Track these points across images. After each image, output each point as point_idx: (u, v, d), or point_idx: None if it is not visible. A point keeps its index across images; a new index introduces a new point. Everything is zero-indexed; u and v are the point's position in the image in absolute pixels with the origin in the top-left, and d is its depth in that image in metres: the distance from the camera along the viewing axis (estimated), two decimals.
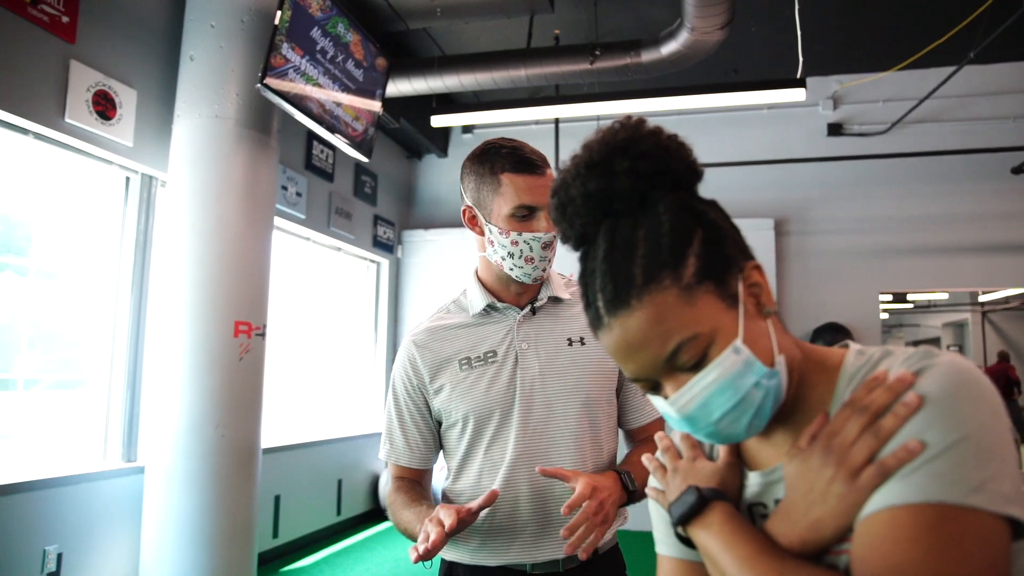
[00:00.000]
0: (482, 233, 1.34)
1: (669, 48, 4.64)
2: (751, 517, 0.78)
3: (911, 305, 15.24)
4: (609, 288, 0.70)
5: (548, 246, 1.30)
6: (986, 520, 0.58)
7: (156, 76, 3.79)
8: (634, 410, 1.42)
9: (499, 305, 1.37)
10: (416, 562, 1.10)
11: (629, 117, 0.76)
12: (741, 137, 6.47)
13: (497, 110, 5.21)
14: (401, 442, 1.40)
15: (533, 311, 1.37)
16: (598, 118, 6.16)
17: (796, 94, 4.36)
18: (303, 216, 5.25)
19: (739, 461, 0.82)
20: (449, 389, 1.34)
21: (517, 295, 1.37)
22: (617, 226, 0.72)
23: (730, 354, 0.68)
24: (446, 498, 1.39)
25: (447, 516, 1.12)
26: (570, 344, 1.35)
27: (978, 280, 6.20)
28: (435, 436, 1.41)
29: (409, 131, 6.36)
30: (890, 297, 13.02)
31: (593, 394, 1.34)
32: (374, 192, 6.44)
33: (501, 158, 1.30)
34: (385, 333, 6.61)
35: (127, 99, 3.59)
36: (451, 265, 6.66)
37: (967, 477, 0.59)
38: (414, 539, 1.20)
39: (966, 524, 0.58)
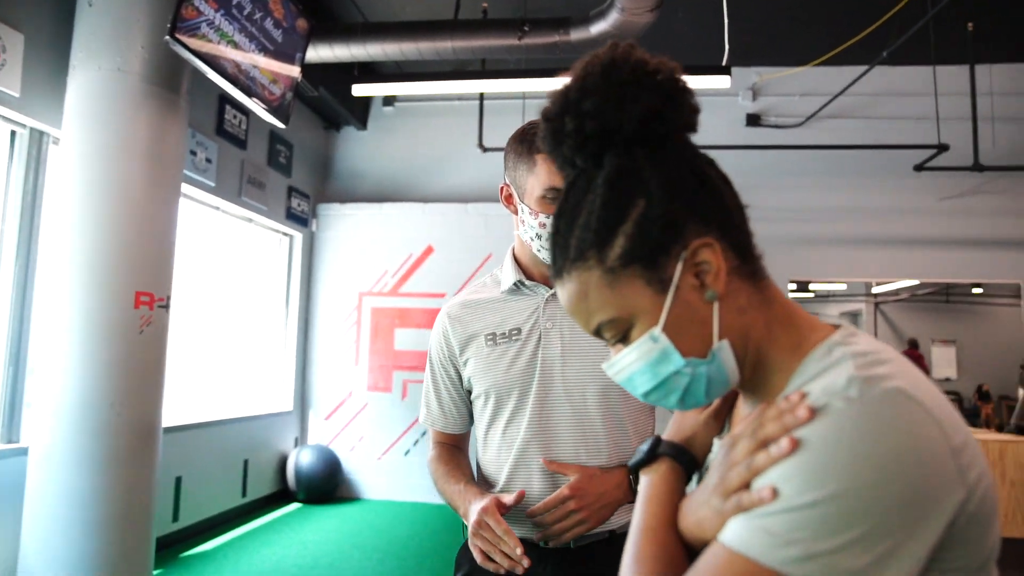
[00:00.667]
0: (516, 212, 1.36)
1: (598, 28, 4.60)
2: (702, 476, 0.77)
3: (812, 294, 15.97)
4: (552, 254, 0.72)
5: None
6: None
7: (48, 21, 3.47)
8: None
9: (528, 283, 1.38)
10: (519, 572, 1.17)
11: (613, 47, 0.68)
12: None
13: (421, 82, 5.06)
14: (436, 408, 1.46)
15: None
16: (523, 95, 6.10)
17: (721, 81, 4.41)
18: (212, 184, 4.96)
19: (720, 421, 0.80)
20: (474, 363, 1.38)
21: (547, 274, 1.37)
22: (575, 183, 0.70)
23: (646, 341, 0.66)
24: (478, 466, 1.45)
25: (498, 524, 1.18)
26: None
27: (880, 271, 6.50)
28: (468, 403, 1.46)
29: (328, 101, 6.11)
30: (794, 286, 13.58)
31: None
32: (289, 162, 6.16)
33: (535, 139, 1.28)
34: (297, 309, 6.38)
35: (12, 44, 3.26)
36: (368, 241, 6.48)
37: (801, 543, 0.53)
38: (453, 507, 1.33)
39: None
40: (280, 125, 4.07)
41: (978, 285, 8.95)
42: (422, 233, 6.46)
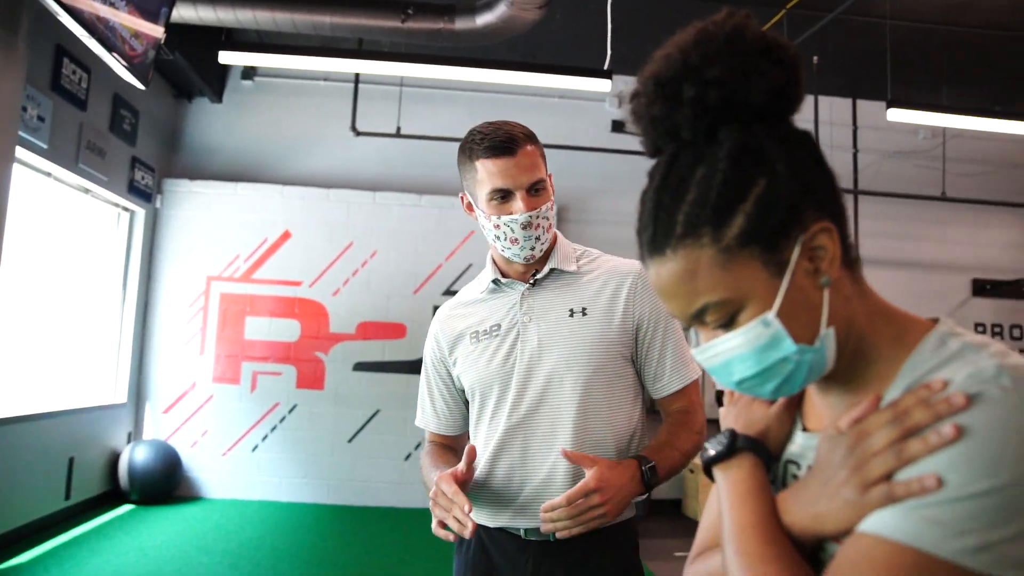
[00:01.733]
0: (476, 219, 1.40)
1: (484, 19, 4.57)
2: (783, 470, 0.75)
3: None
4: (650, 229, 0.67)
5: (528, 225, 1.30)
6: None
7: None
8: (656, 379, 1.39)
9: (504, 280, 1.42)
10: (466, 535, 1.18)
11: (729, 16, 0.64)
12: (531, 121, 6.53)
13: (291, 55, 4.79)
14: (430, 409, 1.51)
15: (534, 283, 1.40)
16: (401, 81, 5.95)
17: (603, 85, 4.53)
18: (45, 146, 4.38)
19: (792, 414, 0.77)
20: (461, 362, 1.42)
21: (522, 270, 1.41)
22: (678, 157, 0.66)
23: (758, 325, 0.63)
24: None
25: (457, 494, 1.19)
26: (571, 315, 1.37)
27: None
28: (460, 404, 1.49)
29: (182, 67, 5.60)
30: None
31: (595, 363, 1.35)
32: (134, 130, 5.59)
33: (476, 144, 1.31)
34: (136, 292, 5.80)
35: None
36: (219, 222, 6.03)
37: (970, 532, 0.53)
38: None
39: None
40: (140, 86, 3.66)
41: None
42: (279, 217, 6.11)
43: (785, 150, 0.65)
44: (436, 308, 6.11)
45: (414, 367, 6.08)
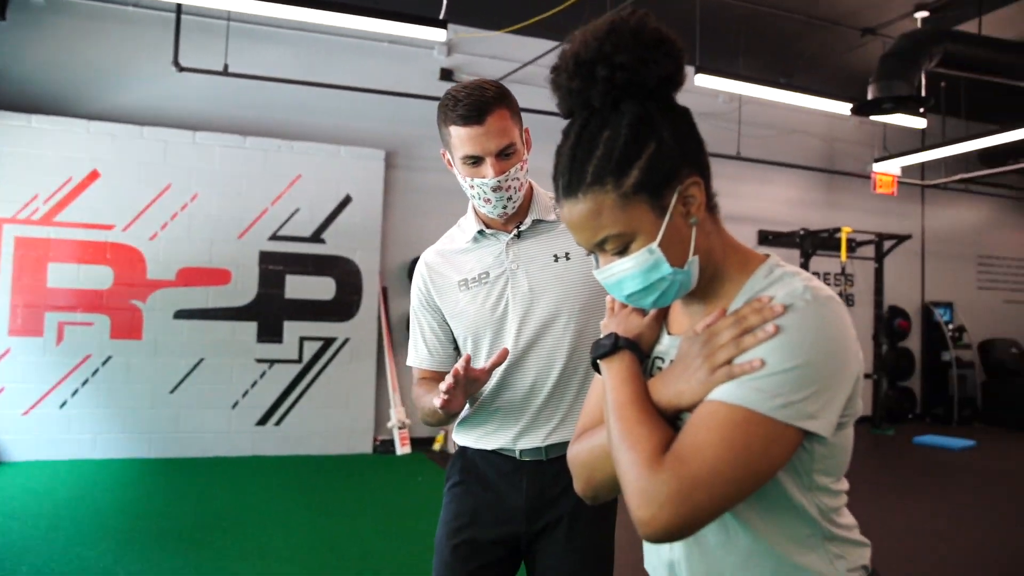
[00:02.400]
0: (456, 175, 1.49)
1: None
2: (651, 365, 0.97)
3: None
4: (566, 176, 0.86)
5: (498, 188, 1.40)
6: (780, 428, 0.77)
7: None
8: None
9: (488, 231, 1.52)
10: (441, 407, 1.33)
11: (633, 13, 0.84)
12: (360, 65, 6.52)
13: None
14: (423, 348, 1.61)
15: (519, 235, 1.51)
16: (228, 15, 5.60)
17: (438, 34, 4.60)
18: None
19: (659, 323, 0.98)
20: (452, 307, 1.53)
21: (504, 222, 1.51)
22: (589, 121, 0.85)
23: (645, 253, 0.84)
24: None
25: (451, 376, 1.33)
26: (556, 260, 1.50)
27: None
28: (451, 341, 1.59)
29: None
30: None
31: (582, 302, 1.48)
32: None
33: (449, 110, 1.39)
34: None
35: None
36: (12, 158, 5.42)
37: (780, 395, 0.77)
38: (433, 414, 1.45)
39: (759, 428, 0.77)
40: None
41: None
42: (85, 154, 5.60)
43: (670, 121, 0.86)
44: (262, 253, 6.01)
45: (241, 313, 5.93)
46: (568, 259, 1.49)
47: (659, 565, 0.97)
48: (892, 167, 7.65)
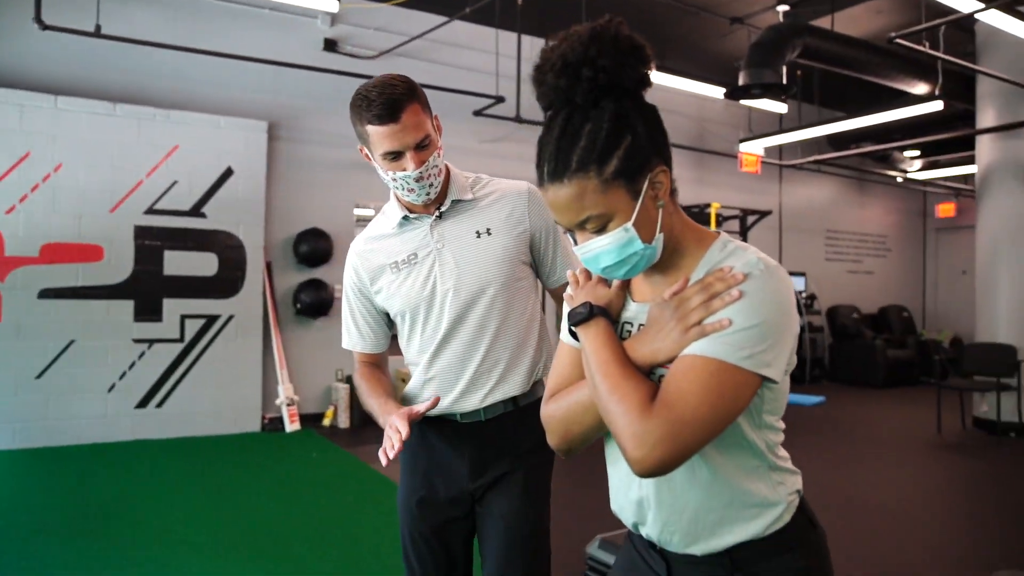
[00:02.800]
0: (376, 168, 1.55)
1: None
2: (621, 329, 1.10)
3: (355, 218, 17.02)
4: (552, 163, 0.97)
5: (420, 178, 1.49)
6: (746, 375, 0.93)
7: None
8: (549, 274, 1.68)
9: (411, 216, 1.61)
10: (387, 465, 1.39)
11: (611, 21, 0.96)
12: (240, 33, 6.27)
13: None
14: (356, 333, 1.71)
15: (440, 215, 1.61)
16: None
17: (330, 4, 4.52)
18: None
19: (624, 292, 1.11)
20: (385, 289, 1.63)
21: (425, 205, 1.60)
22: (572, 115, 0.97)
23: (621, 231, 0.97)
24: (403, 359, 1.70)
25: (402, 425, 1.41)
26: (478, 236, 1.60)
27: None
28: (383, 324, 1.71)
29: None
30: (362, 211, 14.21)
31: (504, 273, 1.60)
32: None
33: (364, 111, 1.45)
34: None
35: None
36: None
37: (745, 348, 0.93)
38: (375, 421, 1.56)
39: (730, 376, 0.93)
40: None
41: None
42: None
43: (643, 117, 0.98)
44: (138, 228, 5.71)
45: (116, 291, 5.63)
46: (489, 234, 1.60)
47: (627, 504, 1.11)
48: (756, 147, 8.24)
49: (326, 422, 6.53)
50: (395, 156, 1.48)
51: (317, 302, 6.49)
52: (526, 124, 6.71)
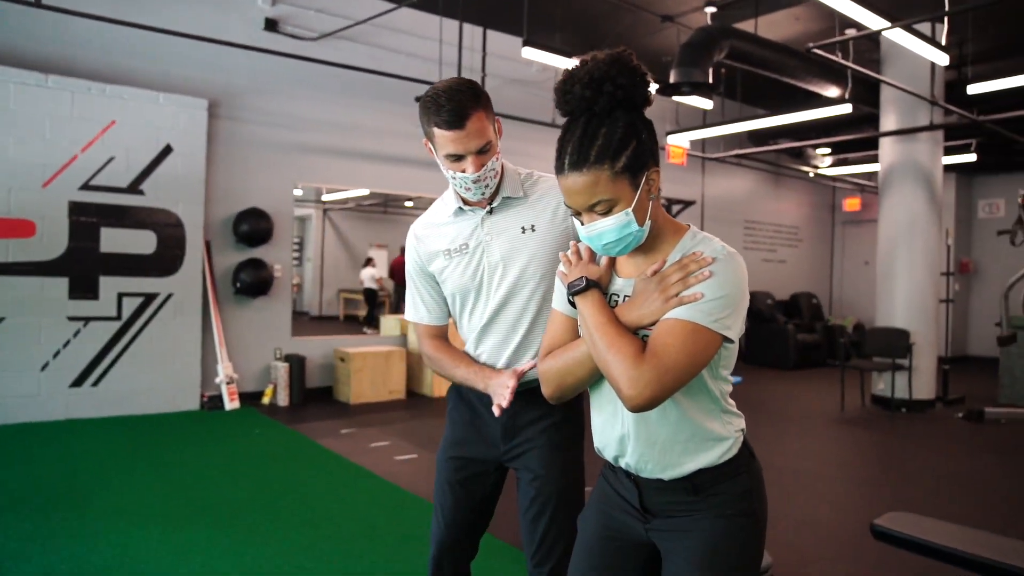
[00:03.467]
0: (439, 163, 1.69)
1: None
2: (609, 299, 1.34)
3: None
4: (574, 156, 1.21)
5: (478, 180, 1.63)
6: (713, 335, 1.20)
7: None
8: None
9: (466, 208, 1.76)
10: (500, 413, 1.65)
11: (625, 51, 1.22)
12: (177, 10, 6.19)
13: None
14: (423, 307, 1.87)
15: (491, 211, 1.75)
16: None
17: None
18: None
19: (611, 269, 1.36)
20: (438, 273, 1.80)
21: (478, 201, 1.74)
22: (591, 121, 1.22)
23: (623, 215, 1.22)
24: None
25: (511, 380, 1.66)
26: (523, 232, 1.75)
27: (375, 183, 7.51)
28: (444, 299, 1.86)
29: None
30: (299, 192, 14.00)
31: (545, 267, 1.74)
32: None
33: (433, 114, 1.58)
34: None
35: None
36: None
37: (713, 314, 1.20)
38: (467, 385, 1.78)
39: (702, 335, 1.20)
40: None
41: (410, 198, 10.82)
42: None
43: (646, 128, 1.24)
44: (72, 204, 5.62)
45: (49, 268, 5.54)
46: (534, 230, 1.76)
47: (610, 441, 1.37)
48: (682, 140, 8.66)
49: (265, 400, 6.60)
50: (457, 159, 1.62)
51: (257, 282, 6.52)
52: None
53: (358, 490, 4.19)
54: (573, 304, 1.32)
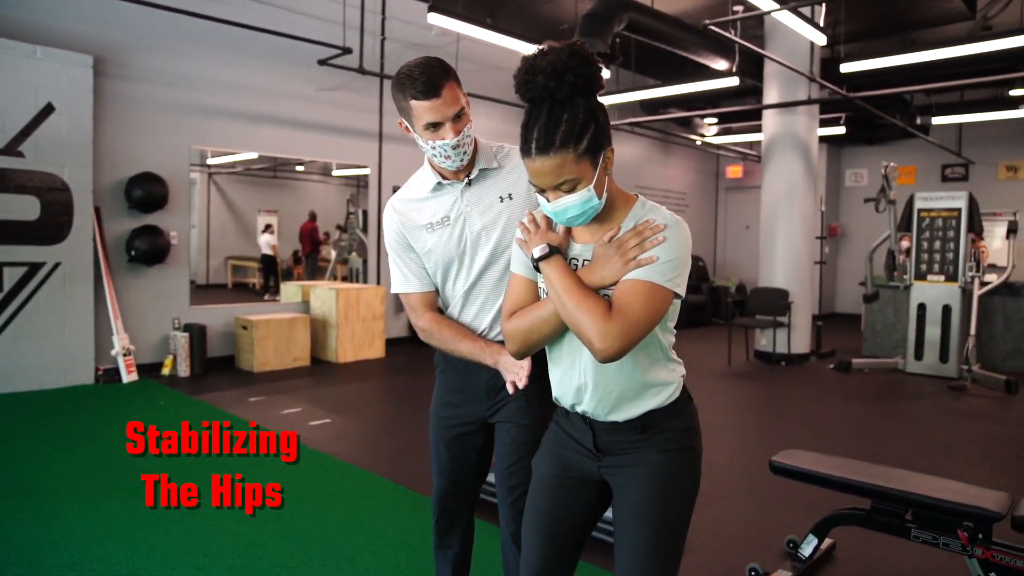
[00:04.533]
0: (414, 139, 1.76)
1: None
2: (569, 263, 1.48)
3: None
4: (541, 140, 1.34)
5: (457, 146, 1.71)
6: (667, 292, 1.38)
7: None
8: None
9: (444, 182, 1.83)
10: (513, 393, 1.75)
11: (581, 43, 1.35)
12: None
13: None
14: (410, 275, 1.91)
15: (469, 183, 1.83)
16: None
17: None
18: None
19: (568, 237, 1.51)
20: (421, 246, 1.87)
21: (456, 172, 1.81)
22: (554, 107, 1.35)
23: (586, 191, 1.37)
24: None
25: (526, 368, 1.73)
26: (501, 200, 1.84)
27: (271, 147, 7.33)
28: (427, 268, 1.91)
29: None
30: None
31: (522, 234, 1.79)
32: None
33: (408, 87, 1.66)
34: None
35: None
36: None
37: (667, 275, 1.37)
38: (472, 359, 1.82)
39: (659, 293, 1.37)
40: None
41: (301, 163, 10.59)
42: None
43: (602, 111, 1.38)
44: None
45: None
46: (511, 199, 1.86)
47: (568, 391, 1.53)
48: None
49: (165, 371, 6.40)
50: (435, 127, 1.69)
51: (153, 249, 6.27)
52: (368, 75, 6.81)
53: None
54: (538, 269, 1.46)
